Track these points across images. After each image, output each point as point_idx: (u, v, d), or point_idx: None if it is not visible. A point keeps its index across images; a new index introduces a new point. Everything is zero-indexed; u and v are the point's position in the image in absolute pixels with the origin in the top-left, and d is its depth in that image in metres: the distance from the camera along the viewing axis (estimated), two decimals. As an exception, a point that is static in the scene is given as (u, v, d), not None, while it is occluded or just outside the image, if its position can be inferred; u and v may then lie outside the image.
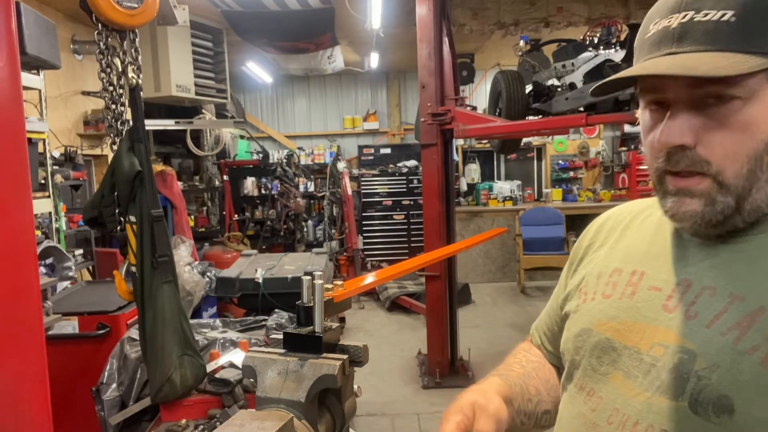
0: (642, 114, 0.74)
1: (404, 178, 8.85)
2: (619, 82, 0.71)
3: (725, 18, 0.63)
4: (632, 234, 0.85)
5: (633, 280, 0.77)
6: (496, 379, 0.89)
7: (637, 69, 0.69)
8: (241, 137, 8.92)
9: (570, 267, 0.95)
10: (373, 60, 8.01)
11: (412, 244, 8.75)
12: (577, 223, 8.51)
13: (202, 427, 1.92)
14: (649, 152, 0.72)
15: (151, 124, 5.29)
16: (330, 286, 0.91)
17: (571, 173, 9.38)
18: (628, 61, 3.44)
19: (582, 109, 3.98)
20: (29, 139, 3.43)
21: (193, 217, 7.03)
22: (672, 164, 0.68)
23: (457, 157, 8.85)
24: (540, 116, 4.76)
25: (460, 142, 8.76)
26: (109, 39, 1.93)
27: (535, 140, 9.12)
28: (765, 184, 0.66)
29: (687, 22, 0.65)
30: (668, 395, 0.67)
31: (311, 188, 8.99)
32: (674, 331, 0.69)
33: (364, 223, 8.82)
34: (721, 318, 0.66)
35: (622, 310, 0.76)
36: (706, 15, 0.64)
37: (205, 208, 7.80)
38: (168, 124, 5.54)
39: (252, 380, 0.81)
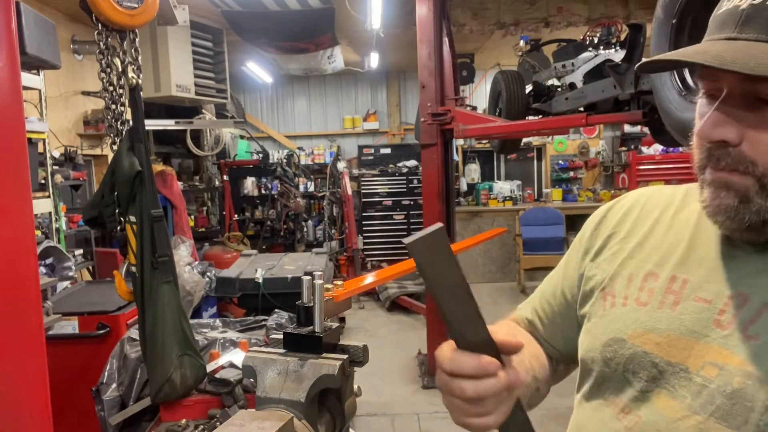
0: (699, 101, 0.69)
1: (404, 178, 8.85)
2: (666, 63, 0.65)
3: None
4: (664, 230, 0.77)
5: (674, 287, 0.70)
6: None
7: (679, 53, 0.63)
8: (241, 137, 8.92)
9: (586, 253, 0.85)
10: (373, 60, 8.01)
11: (412, 244, 8.74)
12: (577, 223, 8.51)
13: (202, 427, 1.92)
14: (694, 143, 0.68)
15: (151, 124, 5.29)
16: (330, 286, 0.91)
17: (571, 173, 9.38)
18: (628, 61, 3.43)
19: (582, 109, 3.98)
20: (29, 139, 3.43)
21: (193, 217, 7.03)
22: (713, 162, 0.64)
23: (457, 157, 8.85)
24: (540, 116, 4.76)
25: (460, 142, 8.76)
26: (109, 39, 1.93)
27: (535, 140, 9.12)
28: None
29: (759, 3, 0.58)
30: (726, 423, 0.61)
31: (311, 188, 8.99)
32: (731, 352, 0.63)
33: (364, 223, 8.82)
34: None
35: (662, 321, 0.69)
36: None
37: (205, 208, 7.80)
38: (168, 124, 5.54)
39: (252, 380, 0.81)
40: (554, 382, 0.93)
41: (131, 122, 2.00)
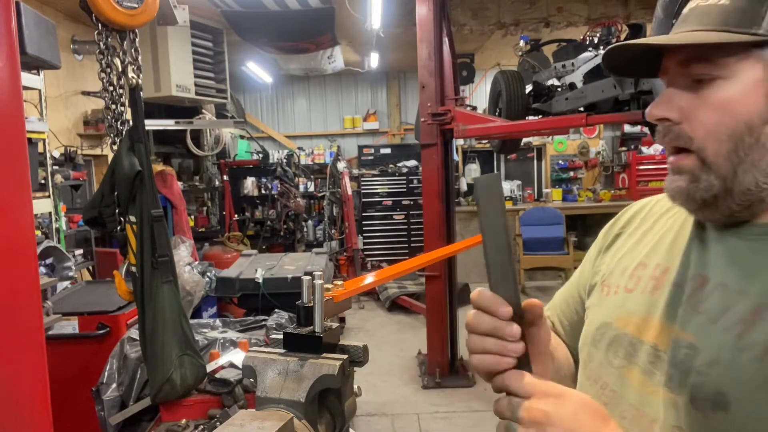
0: None
1: (404, 178, 8.85)
2: (628, 65, 0.78)
3: (722, 2, 0.66)
4: (662, 225, 0.84)
5: (656, 274, 0.77)
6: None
7: (621, 44, 0.73)
8: (241, 137, 8.92)
9: (598, 253, 0.93)
10: (373, 60, 8.01)
11: (412, 244, 8.75)
12: (577, 223, 8.51)
13: (202, 427, 1.92)
14: None
15: (151, 124, 5.29)
16: (330, 286, 0.91)
17: (571, 173, 9.38)
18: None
19: (582, 109, 3.98)
20: (29, 139, 3.43)
21: (193, 217, 7.03)
22: (659, 137, 0.72)
23: (457, 157, 8.85)
24: (540, 116, 4.76)
25: (460, 142, 8.76)
26: (109, 39, 1.93)
27: (535, 140, 9.12)
28: (751, 167, 0.65)
29: (695, 6, 0.70)
30: (674, 391, 0.68)
31: (311, 188, 8.99)
32: (683, 329, 0.70)
33: (364, 223, 8.82)
34: (727, 314, 0.66)
35: (642, 305, 0.76)
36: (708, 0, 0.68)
37: (205, 208, 7.80)
38: (168, 124, 5.54)
39: (252, 380, 0.81)
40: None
41: (131, 122, 2.00)
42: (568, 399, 0.60)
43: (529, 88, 4.83)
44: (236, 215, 7.95)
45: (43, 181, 3.78)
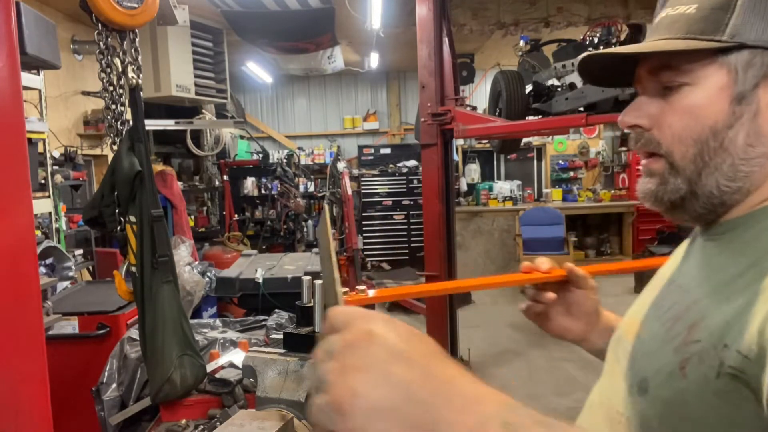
0: None
1: (404, 178, 8.85)
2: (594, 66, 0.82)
3: (688, 11, 0.68)
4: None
5: (659, 283, 0.81)
6: (614, 315, 1.01)
7: (592, 53, 0.76)
8: (241, 137, 8.92)
9: None
10: (373, 60, 8.01)
11: (412, 244, 8.75)
12: (577, 223, 8.51)
13: (202, 427, 1.92)
14: None
15: (151, 124, 5.29)
16: (353, 290, 0.91)
17: (571, 173, 9.38)
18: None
19: (582, 109, 3.98)
20: (29, 139, 3.43)
21: (193, 217, 7.03)
22: (632, 143, 0.75)
23: (457, 157, 8.85)
24: (540, 116, 4.76)
25: (460, 142, 8.76)
26: (109, 39, 1.92)
27: (535, 140, 9.12)
28: (714, 170, 0.67)
29: (665, 15, 0.72)
30: (625, 380, 0.74)
31: (311, 188, 8.99)
32: (642, 323, 0.76)
33: (364, 223, 8.82)
34: (670, 310, 0.71)
35: (643, 308, 0.80)
36: (676, 9, 0.70)
37: (205, 208, 7.80)
38: (168, 124, 5.54)
39: (252, 380, 0.81)
40: None
41: (131, 122, 2.00)
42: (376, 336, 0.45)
43: (529, 88, 4.83)
44: (236, 215, 7.95)
45: (43, 181, 3.78)
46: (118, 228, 2.00)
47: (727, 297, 0.61)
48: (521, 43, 5.30)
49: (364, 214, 8.84)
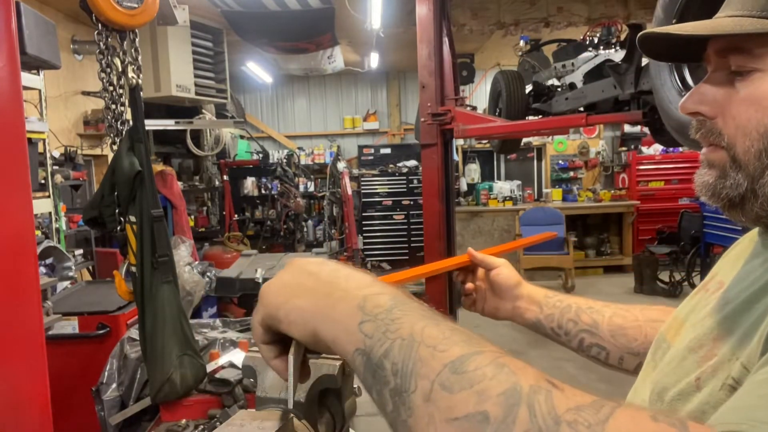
0: None
1: (404, 178, 8.85)
2: (657, 42, 0.70)
3: None
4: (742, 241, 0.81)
5: (710, 286, 0.75)
6: (542, 289, 1.07)
7: (652, 32, 0.66)
8: (241, 137, 8.92)
9: None
10: (373, 60, 8.01)
11: (412, 244, 8.75)
12: (577, 223, 8.51)
13: (202, 427, 1.92)
14: None
15: (151, 124, 5.29)
16: None
17: (571, 173, 9.38)
18: (628, 61, 3.43)
19: (582, 109, 3.98)
20: (29, 139, 3.43)
21: (193, 217, 7.03)
22: (692, 132, 0.67)
23: (457, 157, 8.85)
24: (540, 116, 4.76)
25: (460, 142, 8.76)
26: (109, 39, 1.93)
27: (535, 140, 9.12)
28: None
29: None
30: (651, 386, 0.71)
31: (311, 188, 8.99)
32: (682, 326, 0.73)
33: (364, 223, 8.82)
34: (706, 318, 0.67)
35: (684, 309, 0.77)
36: None
37: (205, 208, 7.80)
38: (168, 124, 5.54)
39: (252, 380, 0.81)
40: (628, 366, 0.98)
41: (131, 122, 2.00)
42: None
43: (529, 88, 4.83)
44: (236, 215, 7.95)
45: (43, 181, 3.78)
46: (118, 228, 2.00)
47: (755, 308, 0.56)
48: (521, 43, 5.30)
49: (364, 214, 8.84)
